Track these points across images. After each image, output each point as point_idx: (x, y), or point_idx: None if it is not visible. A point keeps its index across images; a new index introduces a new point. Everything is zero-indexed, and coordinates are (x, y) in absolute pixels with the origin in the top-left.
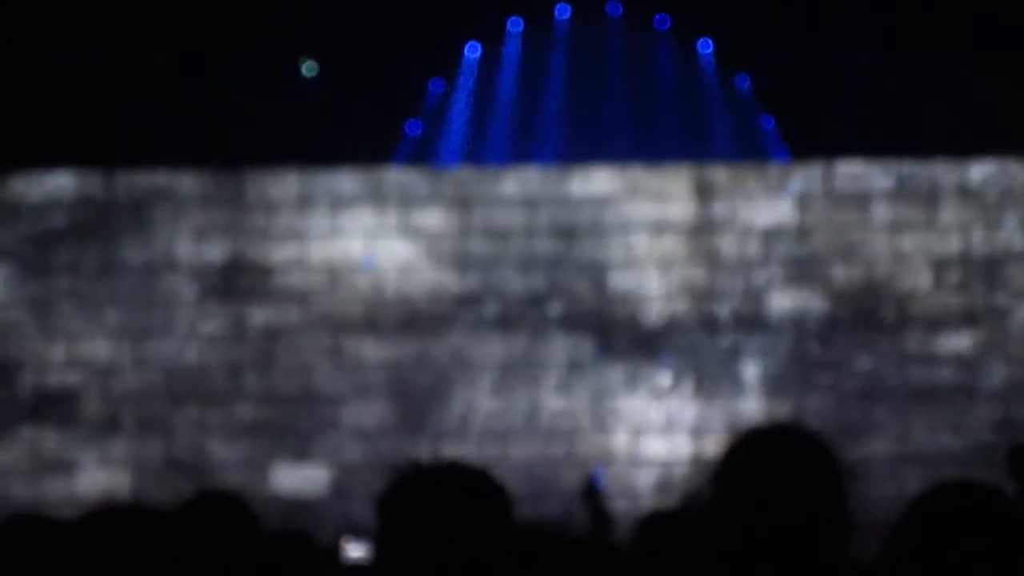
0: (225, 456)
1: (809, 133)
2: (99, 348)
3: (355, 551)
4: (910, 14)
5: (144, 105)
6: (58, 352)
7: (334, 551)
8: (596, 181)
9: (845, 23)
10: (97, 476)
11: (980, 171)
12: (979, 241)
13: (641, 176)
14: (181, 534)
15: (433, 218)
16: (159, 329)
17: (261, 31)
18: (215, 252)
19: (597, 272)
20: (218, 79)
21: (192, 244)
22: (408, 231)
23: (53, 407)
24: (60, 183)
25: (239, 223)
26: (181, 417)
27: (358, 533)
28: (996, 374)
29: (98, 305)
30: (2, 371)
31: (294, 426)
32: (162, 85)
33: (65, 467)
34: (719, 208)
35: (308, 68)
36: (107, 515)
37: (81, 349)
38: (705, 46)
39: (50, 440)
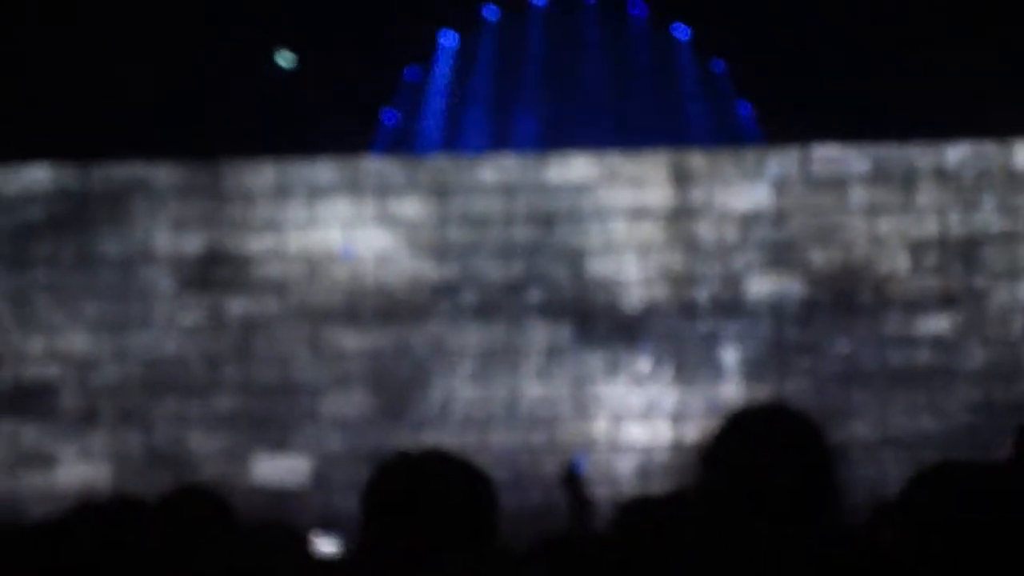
0: (205, 447)
1: (785, 118)
2: (77, 341)
3: (324, 545)
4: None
5: (120, 97)
6: (36, 345)
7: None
8: (574, 168)
9: (821, 8)
10: (77, 469)
11: (956, 154)
12: (956, 223)
13: (619, 162)
14: (160, 528)
15: (411, 207)
16: (137, 321)
17: (237, 22)
18: (193, 243)
19: (575, 259)
20: (194, 70)
21: (169, 235)
22: (386, 220)
23: (32, 400)
24: (37, 176)
25: (216, 214)
26: (160, 409)
27: (338, 523)
28: (974, 356)
29: (76, 298)
30: None
31: (274, 417)
32: (138, 78)
33: (44, 460)
34: (697, 193)
35: (284, 58)
36: (89, 509)
37: (59, 342)
38: (681, 32)
39: (29, 433)
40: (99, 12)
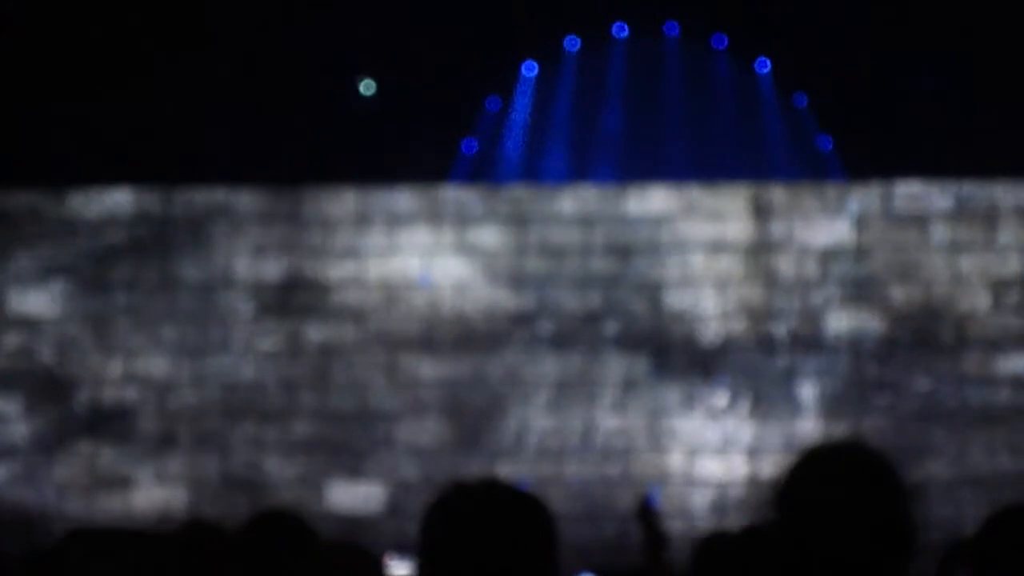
0: (281, 473)
1: (867, 153)
2: (156, 364)
3: (398, 568)
4: (968, 34)
5: (202, 122)
6: (115, 368)
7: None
8: (653, 200)
9: (903, 42)
10: (153, 492)
11: None
12: None
13: (698, 195)
14: (245, 551)
15: (489, 236)
16: (216, 346)
17: (319, 49)
18: (272, 269)
19: (653, 291)
20: (276, 97)
21: (249, 261)
22: (464, 249)
23: (110, 423)
24: (118, 200)
25: (296, 240)
26: (237, 433)
27: (411, 551)
28: None
29: (155, 321)
30: (60, 387)
31: (350, 443)
32: (220, 102)
33: (121, 483)
34: (776, 227)
35: (365, 86)
36: (169, 531)
37: (138, 365)
38: (763, 65)
39: (107, 456)
40: (181, 37)
